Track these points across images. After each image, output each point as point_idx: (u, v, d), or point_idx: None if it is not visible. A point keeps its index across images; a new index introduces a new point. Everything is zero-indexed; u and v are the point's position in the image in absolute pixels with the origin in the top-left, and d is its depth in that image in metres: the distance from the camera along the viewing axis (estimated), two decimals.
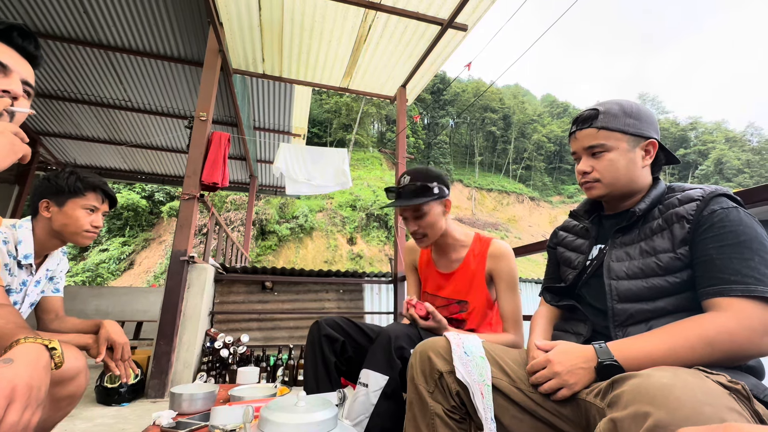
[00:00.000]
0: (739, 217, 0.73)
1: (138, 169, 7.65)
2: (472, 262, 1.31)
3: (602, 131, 0.86)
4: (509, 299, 1.25)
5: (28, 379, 0.57)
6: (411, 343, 1.07)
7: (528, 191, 49.42)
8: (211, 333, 3.13)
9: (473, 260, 1.31)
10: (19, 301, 1.18)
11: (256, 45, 3.93)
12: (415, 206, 1.26)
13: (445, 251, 1.37)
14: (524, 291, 6.06)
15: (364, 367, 1.06)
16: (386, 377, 1.01)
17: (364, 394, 1.02)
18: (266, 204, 23.44)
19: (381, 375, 1.02)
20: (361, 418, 1.00)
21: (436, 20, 3.46)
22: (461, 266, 1.33)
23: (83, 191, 1.22)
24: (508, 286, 1.26)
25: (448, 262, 1.37)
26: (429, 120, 52.25)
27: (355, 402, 1.03)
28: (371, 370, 1.04)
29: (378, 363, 1.04)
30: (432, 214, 1.27)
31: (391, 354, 1.03)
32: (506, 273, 1.26)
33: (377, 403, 0.99)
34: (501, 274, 1.27)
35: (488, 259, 1.28)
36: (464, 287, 1.31)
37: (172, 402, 1.58)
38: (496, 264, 1.27)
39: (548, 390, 0.75)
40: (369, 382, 1.03)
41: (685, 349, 0.66)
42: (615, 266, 0.84)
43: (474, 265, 1.31)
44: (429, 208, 1.27)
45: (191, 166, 3.21)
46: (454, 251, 1.36)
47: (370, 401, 1.00)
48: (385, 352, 1.04)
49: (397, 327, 1.12)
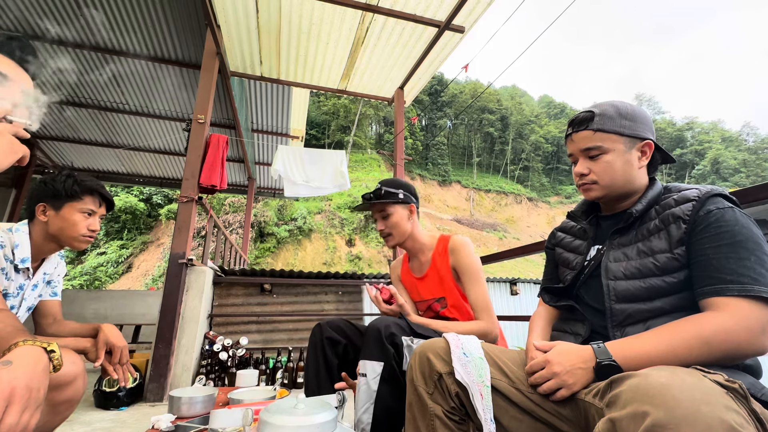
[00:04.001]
0: (734, 217, 0.73)
1: (136, 171, 7.63)
2: (438, 260, 1.42)
3: (598, 133, 0.87)
4: (474, 288, 1.33)
5: (27, 381, 0.57)
6: (401, 330, 1.15)
7: (526, 192, 49.52)
8: (210, 336, 3.12)
9: (438, 259, 1.42)
10: (16, 305, 1.17)
11: (254, 47, 3.93)
12: (380, 207, 1.44)
13: (416, 255, 1.51)
14: (523, 291, 6.08)
15: (361, 359, 1.12)
16: (381, 363, 1.08)
17: (365, 383, 1.08)
18: (265, 206, 23.42)
19: (377, 362, 1.09)
20: (367, 405, 1.07)
21: (434, 22, 3.47)
22: (430, 267, 1.45)
23: (80, 195, 1.21)
24: (470, 276, 1.34)
25: (420, 266, 1.50)
26: (427, 121, 52.36)
27: (359, 392, 1.08)
28: (367, 360, 1.10)
29: (372, 352, 1.11)
30: (396, 215, 1.44)
31: (382, 342, 1.10)
32: (466, 263, 1.35)
33: (378, 388, 1.07)
34: (461, 265, 1.36)
35: (449, 255, 1.39)
36: (437, 285, 1.42)
37: (170, 405, 1.58)
38: (455, 257, 1.37)
39: (547, 390, 0.75)
40: (367, 371, 1.09)
41: (683, 349, 0.67)
42: (613, 267, 0.85)
43: (440, 262, 1.41)
44: (393, 210, 1.44)
45: (189, 168, 3.21)
46: (422, 254, 1.49)
47: (371, 388, 1.07)
48: (377, 341, 1.11)
49: (384, 318, 1.19)
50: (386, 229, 1.45)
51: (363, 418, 1.06)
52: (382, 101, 4.82)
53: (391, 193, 1.44)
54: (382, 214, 1.45)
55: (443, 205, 39.83)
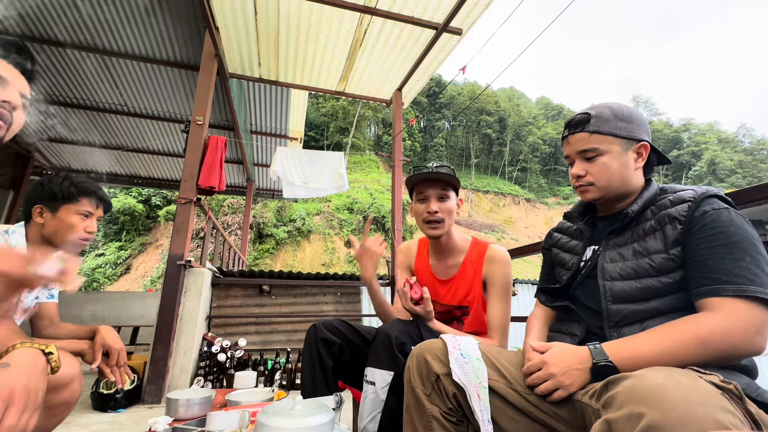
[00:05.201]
0: (730, 217, 0.74)
1: (134, 173, 7.61)
2: (470, 267, 1.31)
3: (594, 135, 0.87)
4: (499, 306, 1.24)
5: (26, 383, 0.57)
6: (411, 340, 1.09)
7: (524, 193, 49.59)
8: (208, 337, 3.12)
9: (470, 265, 1.31)
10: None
11: (253, 49, 3.94)
12: (443, 185, 1.29)
13: (444, 256, 1.37)
14: (520, 292, 6.08)
15: (369, 366, 1.08)
16: (391, 373, 1.04)
17: (373, 392, 1.04)
18: (263, 207, 23.38)
19: (386, 371, 1.05)
20: (375, 414, 1.04)
21: (431, 24, 3.48)
22: (459, 272, 1.33)
23: (77, 197, 1.21)
24: (500, 293, 1.25)
25: (445, 268, 1.37)
26: (425, 123, 52.43)
27: (366, 400, 1.05)
28: (376, 368, 1.06)
29: (382, 360, 1.06)
30: (452, 202, 1.31)
31: (393, 350, 1.06)
32: (500, 278, 1.26)
33: (387, 398, 1.03)
34: (495, 279, 1.26)
35: (485, 263, 1.29)
36: (463, 293, 1.30)
37: (168, 407, 1.57)
38: (491, 268, 1.28)
39: (544, 391, 0.75)
40: (375, 380, 1.05)
41: (679, 349, 0.67)
42: (609, 267, 0.85)
43: (471, 270, 1.30)
44: (452, 195, 1.31)
45: (188, 170, 3.21)
46: (452, 256, 1.36)
47: (379, 398, 1.03)
48: (388, 349, 1.06)
49: (395, 325, 1.13)
50: (441, 213, 1.27)
51: (369, 427, 1.03)
52: (381, 103, 4.83)
53: (455, 178, 1.29)
54: (441, 194, 1.28)
55: None
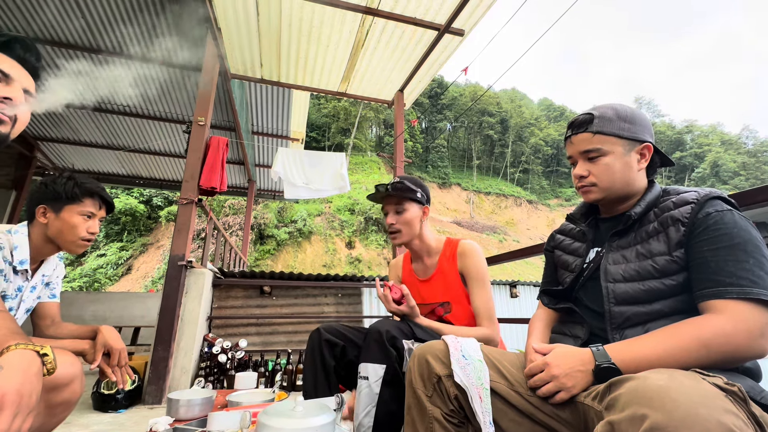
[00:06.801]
0: (733, 219, 0.73)
1: (136, 173, 7.63)
2: (445, 264, 1.40)
3: (597, 135, 0.87)
4: (480, 294, 1.32)
5: (19, 386, 0.56)
6: (401, 334, 1.13)
7: (526, 194, 49.55)
8: (209, 338, 3.12)
9: (446, 262, 1.40)
10: (14, 307, 1.17)
11: (254, 50, 3.95)
12: (397, 200, 1.40)
13: (421, 257, 1.48)
14: (522, 294, 6.06)
15: (362, 362, 1.11)
16: (384, 366, 1.07)
17: (367, 386, 1.07)
18: (265, 208, 23.43)
19: (379, 365, 1.07)
20: (369, 408, 1.05)
21: (433, 25, 3.49)
22: (436, 270, 1.42)
23: (80, 197, 1.21)
24: (477, 282, 1.33)
25: (424, 269, 1.47)
26: (427, 124, 52.45)
27: (360, 395, 1.07)
28: (369, 363, 1.09)
29: (374, 355, 1.09)
30: (410, 213, 1.41)
31: (384, 345, 1.09)
32: (474, 269, 1.34)
33: (380, 391, 1.05)
34: (470, 270, 1.35)
35: (458, 259, 1.38)
36: (442, 289, 1.40)
37: (169, 408, 1.57)
38: (464, 262, 1.36)
39: (546, 393, 0.75)
40: (369, 374, 1.08)
41: (682, 352, 0.67)
42: (612, 269, 0.85)
43: (447, 266, 1.39)
44: (409, 206, 1.41)
45: (189, 170, 3.21)
46: (428, 257, 1.46)
47: (373, 392, 1.06)
48: (379, 344, 1.10)
49: (385, 321, 1.17)
50: (397, 225, 1.40)
51: (364, 422, 1.05)
52: (382, 104, 4.84)
53: (411, 189, 1.40)
54: (396, 208, 1.41)
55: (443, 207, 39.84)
